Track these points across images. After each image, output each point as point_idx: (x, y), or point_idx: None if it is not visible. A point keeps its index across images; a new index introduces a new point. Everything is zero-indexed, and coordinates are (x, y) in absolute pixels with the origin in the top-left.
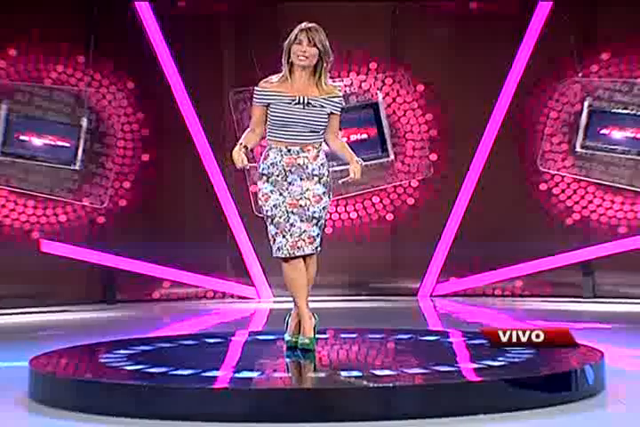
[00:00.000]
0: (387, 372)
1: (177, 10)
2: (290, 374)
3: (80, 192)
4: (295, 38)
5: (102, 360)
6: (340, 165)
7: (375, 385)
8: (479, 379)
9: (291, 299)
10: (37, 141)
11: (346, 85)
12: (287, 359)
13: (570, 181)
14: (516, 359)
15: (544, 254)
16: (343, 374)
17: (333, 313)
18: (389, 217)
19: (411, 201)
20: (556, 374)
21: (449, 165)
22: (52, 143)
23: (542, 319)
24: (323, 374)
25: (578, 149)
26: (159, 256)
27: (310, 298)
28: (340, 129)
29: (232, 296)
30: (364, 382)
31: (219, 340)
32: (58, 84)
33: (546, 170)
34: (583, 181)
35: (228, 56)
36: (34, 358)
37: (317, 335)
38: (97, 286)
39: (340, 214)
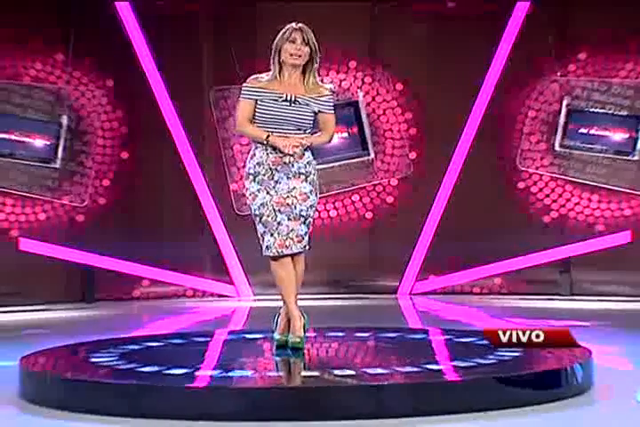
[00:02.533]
0: (379, 370)
1: (156, 9)
2: (282, 373)
3: (60, 190)
4: (288, 37)
5: (93, 360)
6: (320, 164)
7: (370, 384)
8: (470, 377)
9: (270, 297)
10: (17, 139)
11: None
12: (278, 358)
13: (547, 180)
14: (506, 357)
15: (522, 252)
16: (336, 372)
17: (313, 312)
18: (369, 215)
19: (390, 199)
20: (546, 372)
21: (428, 163)
22: (32, 141)
23: (522, 317)
24: (316, 373)
25: (557, 147)
26: (138, 255)
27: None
28: None
29: (212, 295)
30: (358, 381)
31: (207, 339)
32: (36, 81)
33: (525, 168)
34: (561, 179)
35: (207, 55)
36: (24, 358)
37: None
38: (76, 284)
39: (319, 213)
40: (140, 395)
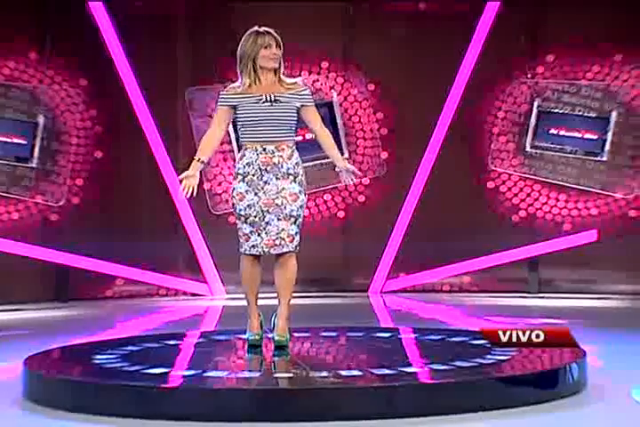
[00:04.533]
0: (386, 371)
1: (131, 9)
2: (290, 374)
3: (35, 190)
4: (263, 43)
5: (96, 361)
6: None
7: (376, 385)
8: (474, 378)
9: (243, 296)
10: None
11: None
12: (279, 359)
13: (516, 180)
14: (504, 357)
15: (491, 251)
16: (343, 373)
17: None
18: (341, 215)
19: (362, 199)
20: (545, 371)
21: (399, 163)
22: (9, 140)
23: (496, 315)
24: (324, 374)
25: (527, 148)
26: (112, 254)
27: (261, 295)
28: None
29: (185, 293)
30: (367, 383)
31: (203, 340)
32: (10, 81)
33: (494, 168)
34: (529, 179)
35: (182, 55)
36: (29, 359)
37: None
38: (49, 283)
39: None
40: (156, 397)
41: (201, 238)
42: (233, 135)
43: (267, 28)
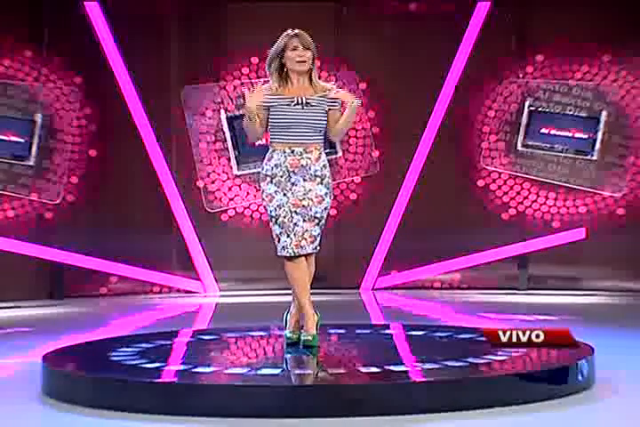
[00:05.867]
0: (403, 368)
1: (125, 9)
2: (310, 371)
3: (33, 188)
4: (289, 44)
5: (115, 358)
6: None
7: (396, 382)
8: (493, 374)
9: (235, 293)
10: None
11: None
12: (295, 356)
13: (506, 178)
14: (514, 354)
15: (481, 248)
16: (362, 369)
17: (278, 307)
18: (333, 212)
19: (353, 197)
20: (554, 368)
21: (391, 161)
22: (7, 139)
23: (492, 312)
24: (342, 370)
25: (519, 147)
26: (106, 251)
27: (254, 292)
28: None
29: (178, 290)
30: (387, 379)
31: (215, 337)
32: (6, 79)
33: (485, 167)
34: (519, 177)
35: (176, 54)
36: (47, 355)
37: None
38: (44, 281)
39: None
40: (182, 394)
41: (195, 236)
42: (228, 134)
43: (298, 31)
